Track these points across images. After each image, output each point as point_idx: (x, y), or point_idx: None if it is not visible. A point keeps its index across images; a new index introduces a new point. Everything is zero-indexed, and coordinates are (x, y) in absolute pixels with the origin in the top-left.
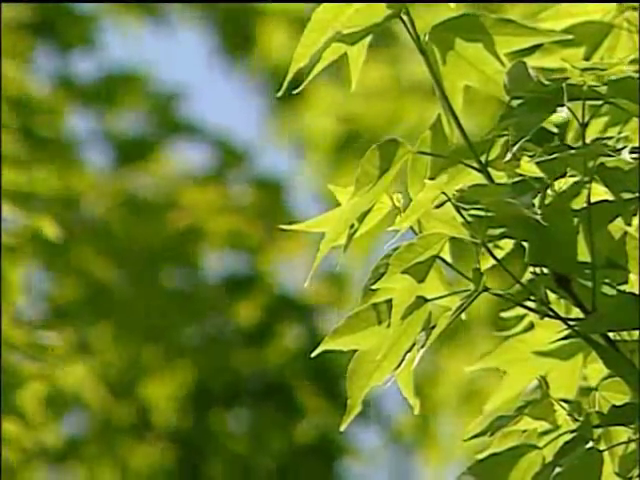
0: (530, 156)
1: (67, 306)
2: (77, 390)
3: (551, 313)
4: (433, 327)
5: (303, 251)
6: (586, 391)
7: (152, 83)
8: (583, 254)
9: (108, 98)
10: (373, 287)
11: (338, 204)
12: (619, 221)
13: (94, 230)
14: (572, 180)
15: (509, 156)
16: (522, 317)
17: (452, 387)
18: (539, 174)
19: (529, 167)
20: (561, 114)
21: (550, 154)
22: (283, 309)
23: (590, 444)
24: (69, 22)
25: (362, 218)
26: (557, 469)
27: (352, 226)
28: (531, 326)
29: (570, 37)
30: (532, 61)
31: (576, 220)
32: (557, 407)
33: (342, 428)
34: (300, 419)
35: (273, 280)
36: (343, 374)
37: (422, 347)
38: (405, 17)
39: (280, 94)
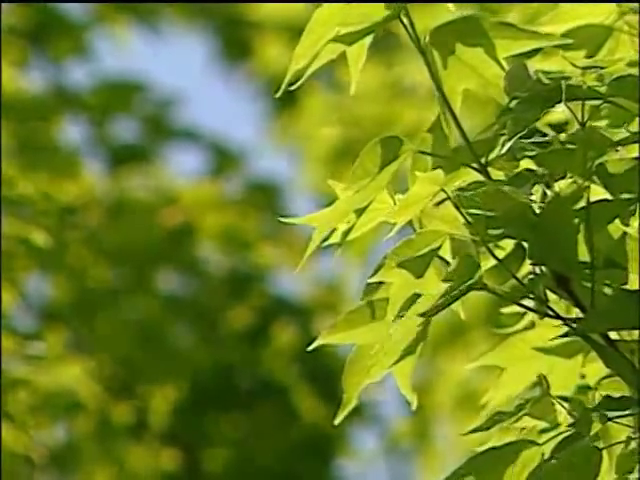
0: (530, 157)
1: (63, 307)
2: (74, 391)
3: (550, 313)
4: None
5: (298, 254)
6: (585, 390)
7: (148, 90)
8: (583, 254)
9: (103, 105)
10: (372, 281)
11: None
12: (619, 221)
13: (90, 233)
14: (571, 180)
15: (505, 149)
16: (522, 315)
17: (449, 391)
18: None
19: (528, 167)
20: (559, 110)
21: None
22: (278, 311)
23: (588, 439)
24: (63, 30)
25: (360, 214)
26: (553, 461)
27: (349, 222)
28: (532, 325)
29: (570, 42)
30: (532, 64)
31: (576, 220)
32: (557, 405)
33: (336, 422)
34: (296, 420)
35: (268, 282)
36: (339, 375)
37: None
38: (405, 18)
39: (279, 94)
